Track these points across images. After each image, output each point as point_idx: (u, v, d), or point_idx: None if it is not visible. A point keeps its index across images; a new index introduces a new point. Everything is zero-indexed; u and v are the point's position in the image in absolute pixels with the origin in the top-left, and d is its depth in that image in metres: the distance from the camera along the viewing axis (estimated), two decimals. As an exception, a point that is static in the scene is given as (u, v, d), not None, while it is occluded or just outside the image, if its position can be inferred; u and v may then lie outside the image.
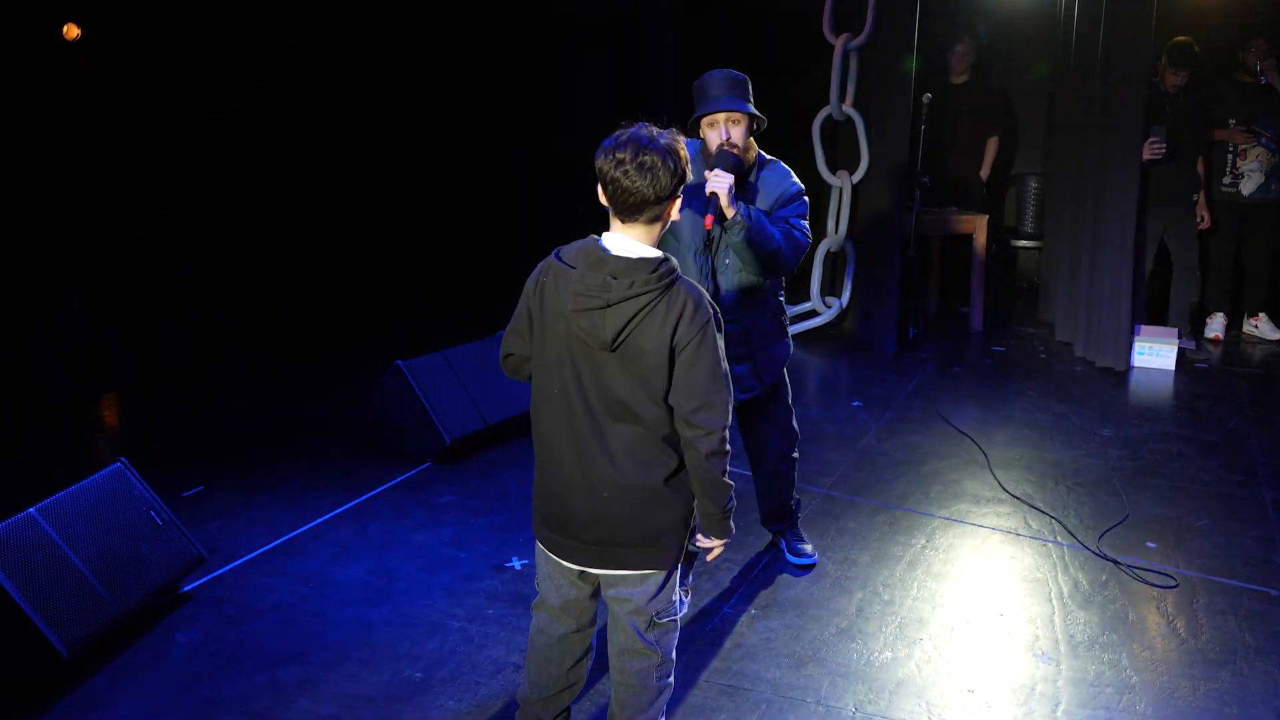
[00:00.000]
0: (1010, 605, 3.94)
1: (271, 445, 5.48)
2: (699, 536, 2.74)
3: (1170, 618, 3.85)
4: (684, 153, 2.47)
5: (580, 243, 2.52)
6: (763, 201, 3.67)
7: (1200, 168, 7.03)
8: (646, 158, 2.39)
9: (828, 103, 7.16)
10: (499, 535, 4.50)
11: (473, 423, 5.33)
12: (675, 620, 2.77)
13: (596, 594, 2.80)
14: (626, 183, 2.40)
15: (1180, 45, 6.70)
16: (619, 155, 2.40)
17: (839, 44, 7.06)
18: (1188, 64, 6.72)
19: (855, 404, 6.10)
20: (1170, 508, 4.76)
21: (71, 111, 6.25)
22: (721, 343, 2.51)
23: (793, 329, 7.42)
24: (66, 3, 6.20)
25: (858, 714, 3.29)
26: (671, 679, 2.84)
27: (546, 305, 2.54)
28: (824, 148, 7.26)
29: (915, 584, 4.09)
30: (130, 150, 6.55)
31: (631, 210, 2.44)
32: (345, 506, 4.76)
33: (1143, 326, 6.89)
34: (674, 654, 2.81)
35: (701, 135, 3.66)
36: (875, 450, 5.44)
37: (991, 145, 7.83)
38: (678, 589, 2.76)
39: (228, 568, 4.20)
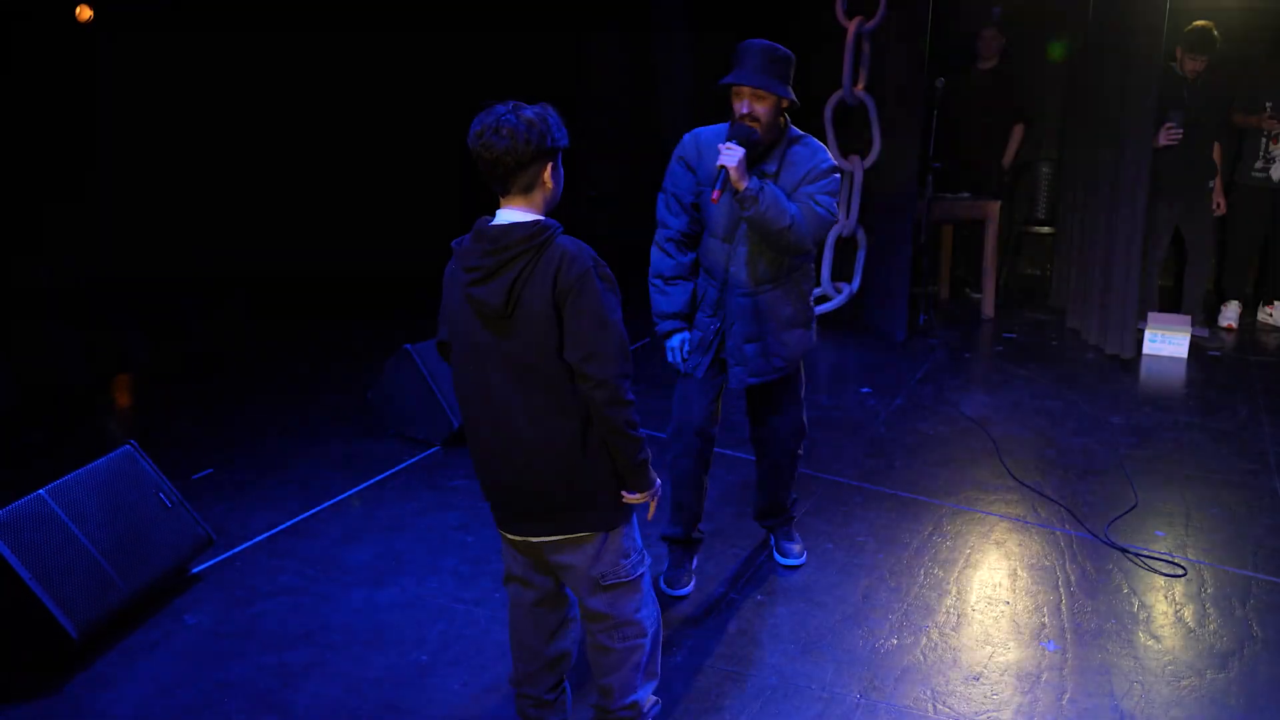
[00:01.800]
0: (1017, 593, 3.93)
1: (280, 429, 5.50)
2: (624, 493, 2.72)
3: (1178, 607, 3.84)
4: (539, 126, 2.49)
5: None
6: (790, 177, 3.55)
7: (1217, 154, 6.97)
8: (502, 127, 2.45)
9: (840, 87, 7.12)
10: (506, 519, 4.50)
11: (481, 407, 5.34)
12: (628, 582, 2.75)
13: (543, 559, 2.80)
14: (488, 155, 2.47)
15: (1199, 30, 6.63)
16: (478, 131, 2.48)
17: (852, 27, 7.01)
18: (1206, 50, 6.64)
19: (864, 390, 6.08)
20: (1180, 496, 4.74)
21: (86, 93, 6.26)
22: (612, 296, 2.56)
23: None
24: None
25: (862, 701, 3.30)
26: (644, 640, 2.83)
27: (452, 289, 2.64)
28: (836, 132, 7.22)
29: (922, 571, 4.09)
30: (143, 133, 6.56)
31: (501, 181, 2.52)
32: (353, 489, 4.78)
33: (1155, 314, 6.85)
34: (639, 615, 2.80)
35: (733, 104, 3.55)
36: (884, 437, 5.43)
37: (1017, 132, 7.76)
38: (632, 551, 2.76)
39: (236, 550, 4.22)
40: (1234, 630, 3.69)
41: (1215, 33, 6.62)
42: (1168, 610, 3.82)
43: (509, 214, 2.55)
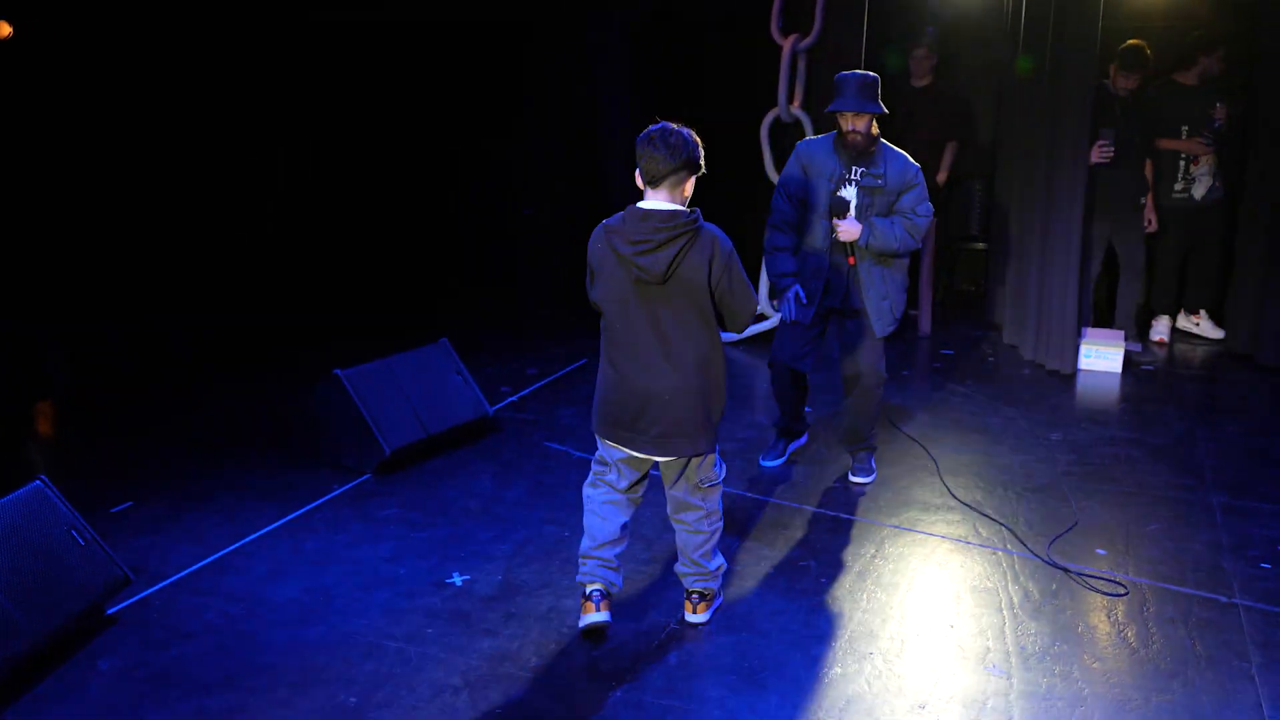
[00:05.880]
0: (961, 616, 3.88)
1: (203, 458, 5.30)
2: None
3: (1121, 627, 3.81)
4: (694, 148, 3.34)
5: (622, 213, 3.39)
6: (894, 177, 4.64)
7: (1148, 171, 7.04)
8: (670, 137, 3.31)
9: (776, 104, 7.10)
10: (440, 550, 4.37)
11: (414, 433, 5.19)
12: (718, 483, 3.69)
13: (645, 471, 3.67)
14: (653, 152, 3.30)
15: (1132, 49, 6.70)
16: (652, 135, 3.32)
17: (787, 45, 7.00)
18: (1139, 67, 6.72)
19: (805, 410, 6.01)
20: (1119, 513, 4.74)
21: (15, 114, 6.03)
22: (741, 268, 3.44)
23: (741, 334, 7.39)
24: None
25: (807, 734, 3.21)
26: (720, 524, 3.76)
27: (606, 260, 3.42)
28: (772, 150, 7.20)
29: (865, 595, 4.02)
30: (74, 155, 6.34)
31: (654, 178, 3.33)
32: (279, 522, 4.61)
33: (1089, 329, 6.89)
34: (719, 505, 3.73)
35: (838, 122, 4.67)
36: (824, 457, 5.38)
37: (950, 150, 7.79)
38: (718, 460, 3.69)
39: (155, 588, 4.03)
40: (1176, 650, 3.66)
41: (1148, 51, 6.70)
42: (1110, 631, 3.79)
43: (659, 202, 3.34)
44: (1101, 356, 6.73)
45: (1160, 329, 7.45)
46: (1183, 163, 7.09)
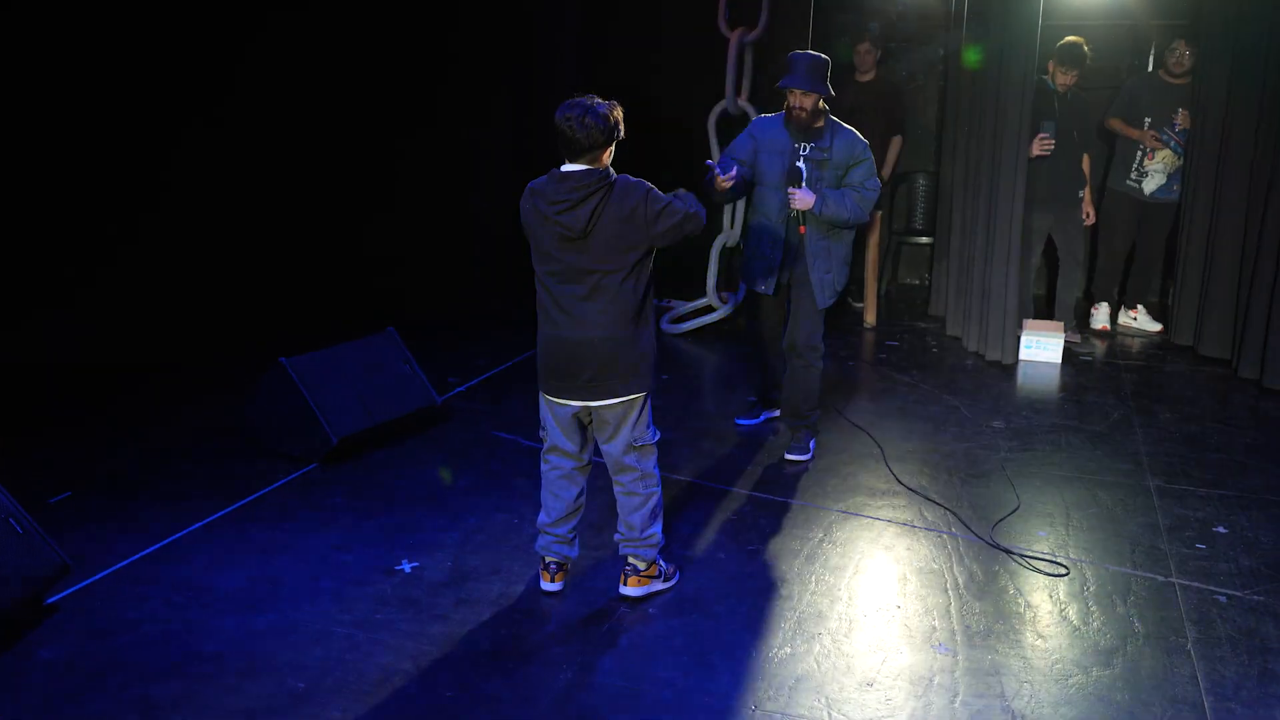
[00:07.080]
0: (907, 597, 3.93)
1: (146, 447, 5.22)
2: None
3: (1062, 606, 3.89)
4: (616, 116, 3.51)
5: (546, 175, 3.56)
6: (843, 153, 4.86)
7: (1086, 165, 7.17)
8: (586, 117, 3.43)
9: (724, 97, 7.13)
10: (389, 537, 4.34)
11: (361, 421, 5.15)
12: (651, 444, 3.81)
13: (587, 434, 3.82)
14: (569, 134, 3.44)
15: (1070, 45, 6.82)
16: (569, 114, 3.44)
17: (734, 38, 7.04)
18: (1077, 64, 6.84)
19: (751, 399, 6.05)
20: (1060, 497, 4.83)
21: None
22: (665, 195, 3.60)
23: (688, 325, 7.43)
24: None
25: (757, 712, 3.24)
26: (659, 488, 3.85)
27: (534, 220, 3.57)
28: (719, 142, 7.24)
29: (813, 578, 4.06)
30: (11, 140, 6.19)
31: (575, 152, 3.48)
32: (225, 510, 4.55)
33: (1029, 320, 7.01)
34: (655, 470, 3.83)
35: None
36: (772, 445, 5.42)
37: (894, 144, 7.85)
38: (652, 423, 3.81)
39: (97, 577, 3.96)
40: (1116, 626, 3.75)
41: (1086, 48, 6.82)
42: (1053, 609, 3.87)
43: (577, 167, 3.49)
44: (1042, 347, 6.84)
45: (1099, 318, 7.60)
46: (1139, 153, 7.24)
